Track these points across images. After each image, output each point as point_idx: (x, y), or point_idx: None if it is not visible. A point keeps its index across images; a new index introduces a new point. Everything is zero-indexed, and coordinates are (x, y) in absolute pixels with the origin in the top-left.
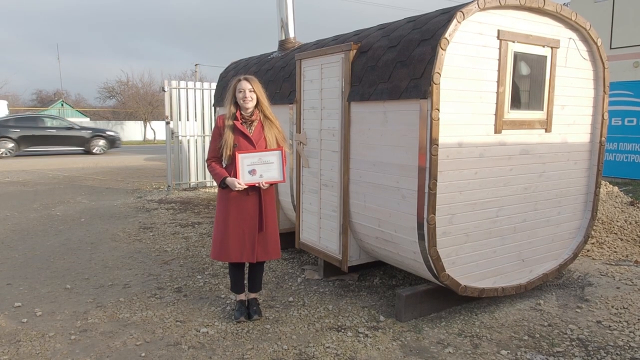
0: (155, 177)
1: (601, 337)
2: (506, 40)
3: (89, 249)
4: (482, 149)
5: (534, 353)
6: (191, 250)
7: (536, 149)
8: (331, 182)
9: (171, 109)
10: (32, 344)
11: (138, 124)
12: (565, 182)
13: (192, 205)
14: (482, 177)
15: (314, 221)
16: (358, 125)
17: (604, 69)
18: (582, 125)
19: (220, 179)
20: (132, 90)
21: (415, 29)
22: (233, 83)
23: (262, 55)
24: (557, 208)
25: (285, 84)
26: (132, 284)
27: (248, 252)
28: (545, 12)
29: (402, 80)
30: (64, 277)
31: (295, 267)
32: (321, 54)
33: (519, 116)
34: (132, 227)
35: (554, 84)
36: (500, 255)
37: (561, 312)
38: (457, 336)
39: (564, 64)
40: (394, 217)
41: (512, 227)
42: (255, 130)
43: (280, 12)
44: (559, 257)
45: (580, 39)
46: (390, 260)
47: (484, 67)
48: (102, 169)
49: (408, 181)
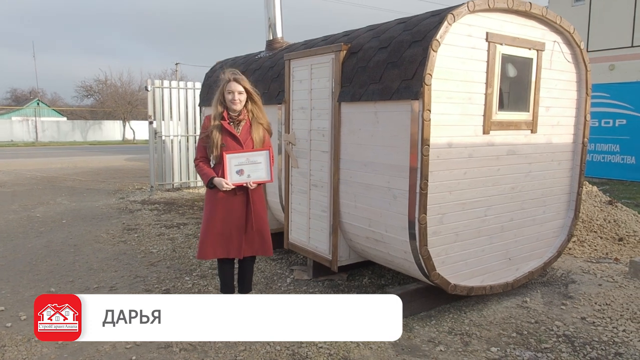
0: (137, 178)
1: (586, 333)
2: (494, 43)
3: (72, 251)
4: (471, 150)
5: (522, 350)
6: (177, 252)
7: (522, 149)
8: (321, 183)
9: (154, 109)
10: (17, 348)
11: (117, 123)
12: (549, 182)
13: (176, 206)
14: (471, 177)
15: (303, 221)
16: (348, 126)
17: (587, 71)
18: (565, 126)
19: (208, 179)
20: (111, 89)
21: (406, 31)
22: (222, 83)
23: (249, 55)
24: (542, 207)
25: (274, 84)
26: (119, 287)
27: (235, 248)
28: (531, 15)
29: (393, 81)
30: (47, 280)
31: (283, 267)
32: (311, 54)
33: (506, 117)
34: (116, 229)
35: (539, 86)
36: (488, 254)
37: (547, 309)
38: (448, 334)
39: (549, 66)
40: (385, 217)
41: (499, 226)
42: (242, 129)
43: (268, 12)
44: (544, 255)
45: (565, 42)
46: (381, 260)
47: (473, 69)
48: (82, 170)
49: (399, 181)
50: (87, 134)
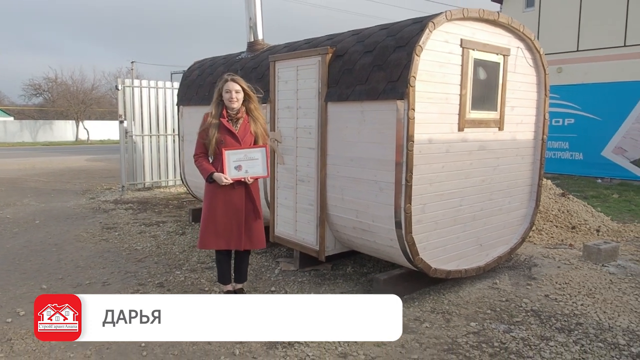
0: (104, 178)
1: (550, 308)
2: (468, 49)
3: (54, 250)
4: (448, 145)
5: (498, 323)
6: (162, 248)
7: (491, 145)
8: (307, 178)
9: (125, 108)
10: (25, 341)
11: (69, 123)
12: (514, 175)
13: (151, 205)
14: (448, 170)
15: (289, 215)
16: (335, 124)
17: (545, 74)
18: (527, 124)
19: (208, 174)
20: (62, 88)
21: (390, 36)
22: (220, 82)
23: (229, 56)
24: (508, 198)
25: (258, 84)
26: (111, 282)
27: (235, 240)
28: (498, 24)
29: (379, 82)
30: (36, 278)
31: (269, 260)
32: (297, 57)
33: (478, 116)
34: (95, 228)
35: (505, 88)
36: (463, 241)
37: (514, 289)
38: (431, 313)
39: (513, 70)
40: (371, 208)
41: (472, 215)
42: (240, 127)
43: (249, 13)
44: (510, 241)
45: (527, 48)
46: (366, 249)
47: (449, 72)
48: (43, 171)
49: (385, 174)
50: (36, 135)
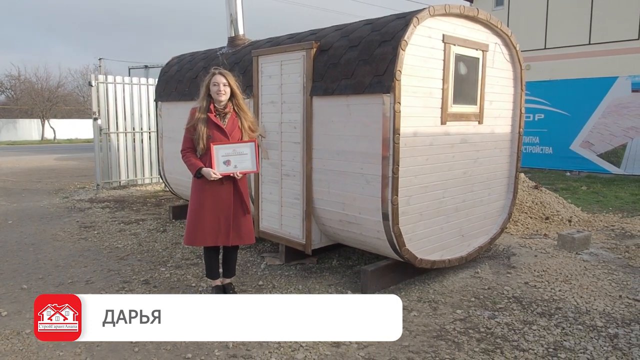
0: (76, 177)
1: (530, 294)
2: (449, 44)
3: (31, 249)
4: (432, 138)
5: (482, 310)
6: (144, 246)
7: (472, 138)
8: (293, 172)
9: (99, 105)
10: (10, 341)
11: (34, 122)
12: (493, 167)
13: (128, 203)
14: (432, 163)
15: (274, 209)
16: (321, 118)
17: (521, 70)
18: (505, 118)
19: (196, 169)
20: (26, 86)
21: (375, 31)
22: (207, 77)
23: (208, 51)
24: (487, 190)
25: (241, 79)
26: (95, 280)
27: (223, 236)
28: (478, 20)
29: (365, 76)
30: (14, 278)
31: (254, 255)
32: (281, 51)
33: (460, 110)
34: (72, 227)
35: (484, 82)
36: (446, 232)
37: (496, 277)
38: (417, 302)
39: (491, 65)
40: (358, 201)
41: (454, 206)
42: (228, 122)
43: (230, 9)
44: (490, 232)
45: (504, 44)
46: (352, 242)
47: (432, 67)
48: (10, 170)
49: (372, 167)
50: None
